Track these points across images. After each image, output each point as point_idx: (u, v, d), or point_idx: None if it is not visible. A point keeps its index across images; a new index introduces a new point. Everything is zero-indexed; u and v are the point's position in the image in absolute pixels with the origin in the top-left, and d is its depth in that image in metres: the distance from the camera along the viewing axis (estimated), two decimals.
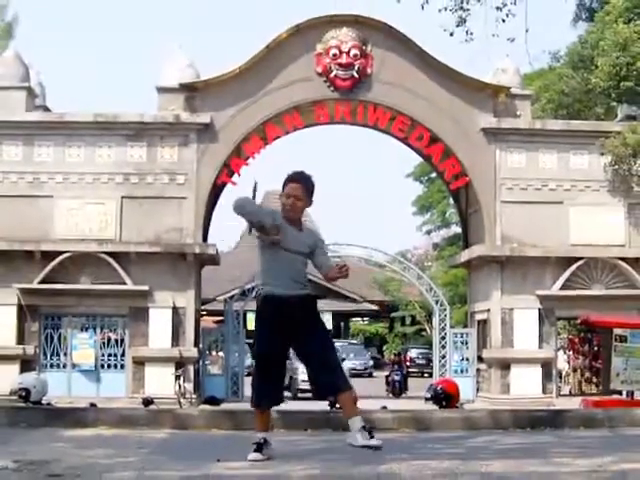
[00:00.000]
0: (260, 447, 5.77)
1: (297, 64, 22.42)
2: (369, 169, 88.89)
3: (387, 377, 28.09)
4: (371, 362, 41.85)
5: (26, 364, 20.94)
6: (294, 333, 5.95)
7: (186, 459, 5.62)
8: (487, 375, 22.77)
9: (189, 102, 22.34)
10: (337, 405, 6.30)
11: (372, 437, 5.84)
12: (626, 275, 22.27)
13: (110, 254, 21.41)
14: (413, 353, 41.64)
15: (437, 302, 24.37)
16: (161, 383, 20.83)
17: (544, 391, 21.89)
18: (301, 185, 6.04)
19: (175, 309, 21.66)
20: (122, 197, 21.87)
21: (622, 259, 22.28)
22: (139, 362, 21.54)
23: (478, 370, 23.27)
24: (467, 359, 23.57)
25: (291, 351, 6.22)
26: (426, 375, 34.65)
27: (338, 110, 22.60)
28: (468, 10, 11.11)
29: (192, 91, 22.40)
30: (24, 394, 17.08)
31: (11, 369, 20.13)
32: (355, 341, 47.35)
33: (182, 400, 20.48)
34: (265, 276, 6.09)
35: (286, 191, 6.01)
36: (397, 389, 26.54)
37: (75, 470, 5.08)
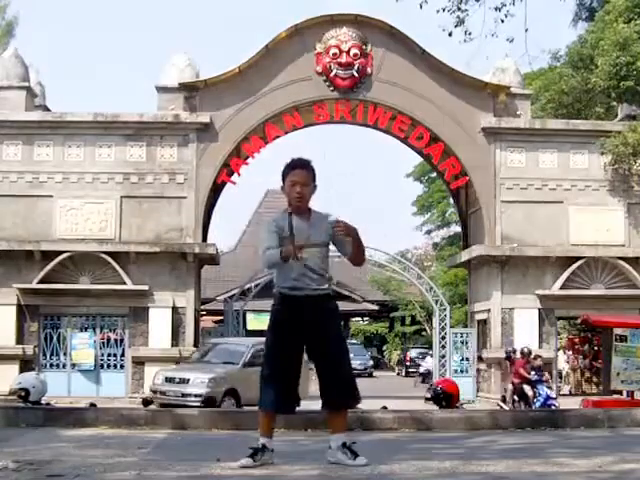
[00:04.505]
0: (256, 453, 5.39)
1: (297, 64, 22.42)
2: (369, 169, 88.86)
3: (513, 391, 18.96)
4: (371, 362, 42.01)
5: (26, 364, 20.95)
6: (308, 335, 5.49)
7: (186, 459, 5.60)
8: (487, 375, 22.75)
9: (189, 102, 22.34)
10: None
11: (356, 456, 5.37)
12: (626, 275, 22.26)
13: (110, 254, 21.41)
14: (413, 353, 41.76)
15: (437, 302, 24.36)
16: None
17: None
18: (305, 170, 5.56)
19: (175, 309, 21.66)
20: (122, 197, 21.87)
21: (622, 259, 22.28)
22: (139, 362, 21.54)
23: (478, 370, 23.26)
24: (467, 359, 23.57)
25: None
26: None
27: (338, 110, 22.59)
28: (466, 11, 11.08)
29: (192, 91, 22.40)
30: (23, 394, 17.01)
31: (11, 369, 20.10)
32: (355, 341, 47.37)
33: None
34: (278, 275, 5.57)
35: (290, 179, 5.48)
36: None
37: (75, 470, 5.08)
